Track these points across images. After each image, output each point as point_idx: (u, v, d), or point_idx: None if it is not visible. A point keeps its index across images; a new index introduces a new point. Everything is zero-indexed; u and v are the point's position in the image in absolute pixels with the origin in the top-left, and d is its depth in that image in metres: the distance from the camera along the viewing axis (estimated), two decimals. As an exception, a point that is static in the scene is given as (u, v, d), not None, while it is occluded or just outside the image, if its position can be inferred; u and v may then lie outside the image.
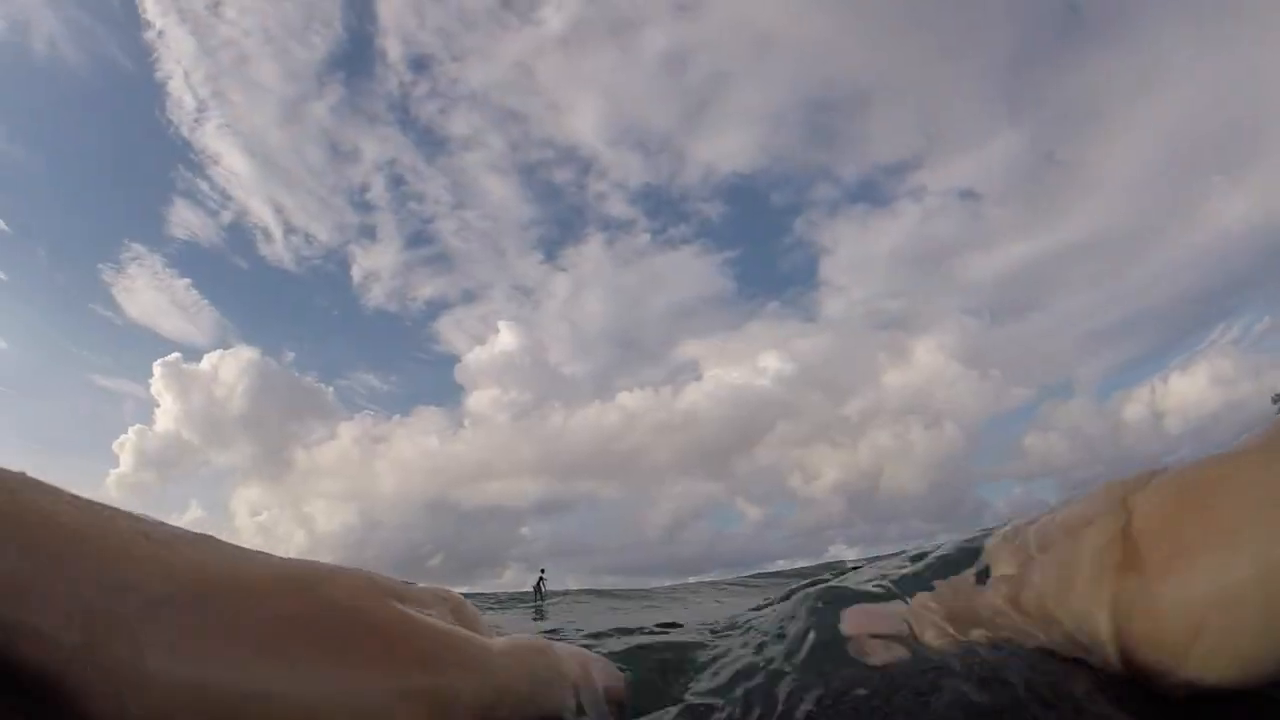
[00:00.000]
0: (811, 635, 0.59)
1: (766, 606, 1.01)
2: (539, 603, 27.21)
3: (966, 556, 0.60)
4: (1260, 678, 0.25)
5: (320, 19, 75.71)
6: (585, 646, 0.55)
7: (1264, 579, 0.24)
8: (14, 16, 67.57)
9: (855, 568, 1.07)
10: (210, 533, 0.30)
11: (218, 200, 74.32)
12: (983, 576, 0.46)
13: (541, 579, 27.51)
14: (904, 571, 0.81)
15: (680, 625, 1.06)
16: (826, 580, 0.96)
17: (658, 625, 1.08)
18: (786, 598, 0.92)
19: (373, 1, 76.36)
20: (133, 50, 71.65)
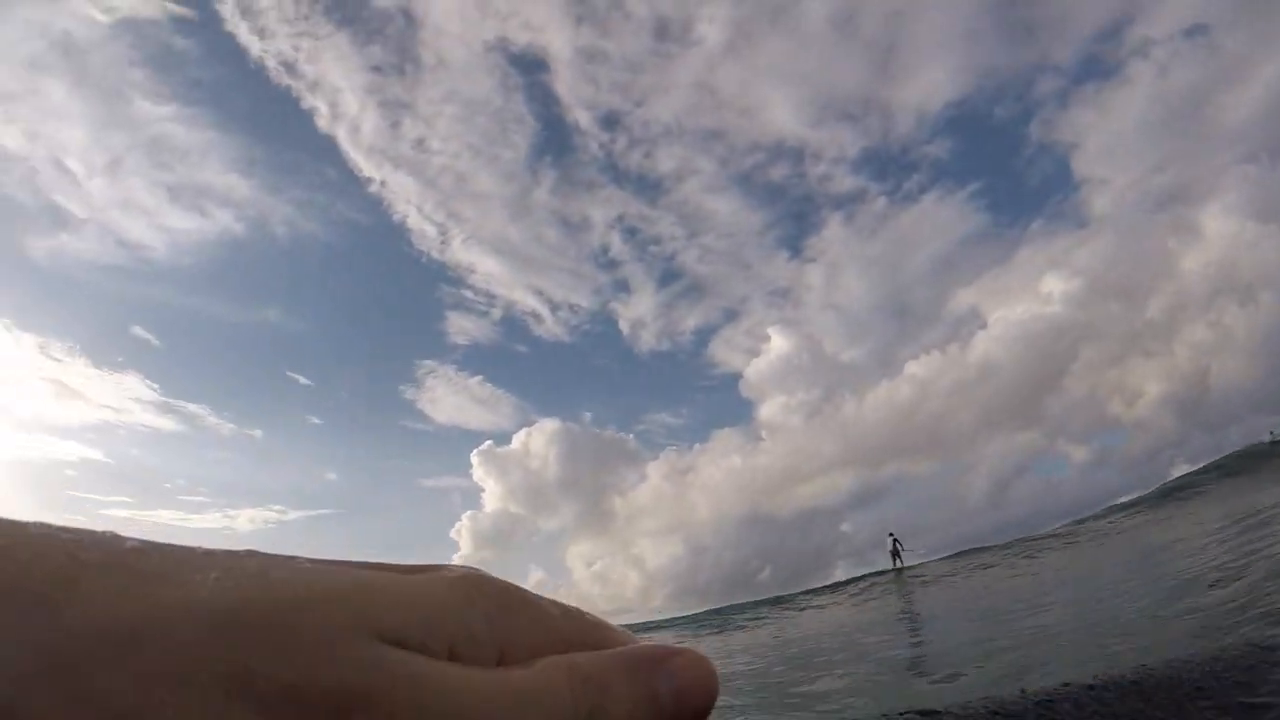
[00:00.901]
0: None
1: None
2: (899, 567, 26.07)
3: None
4: None
5: (512, 119, 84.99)
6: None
7: None
8: (249, 217, 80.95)
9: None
10: (551, 593, 0.26)
11: (484, 302, 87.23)
12: None
13: (896, 544, 26.64)
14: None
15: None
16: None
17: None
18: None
19: (549, 86, 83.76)
20: (363, 205, 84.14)
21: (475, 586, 0.25)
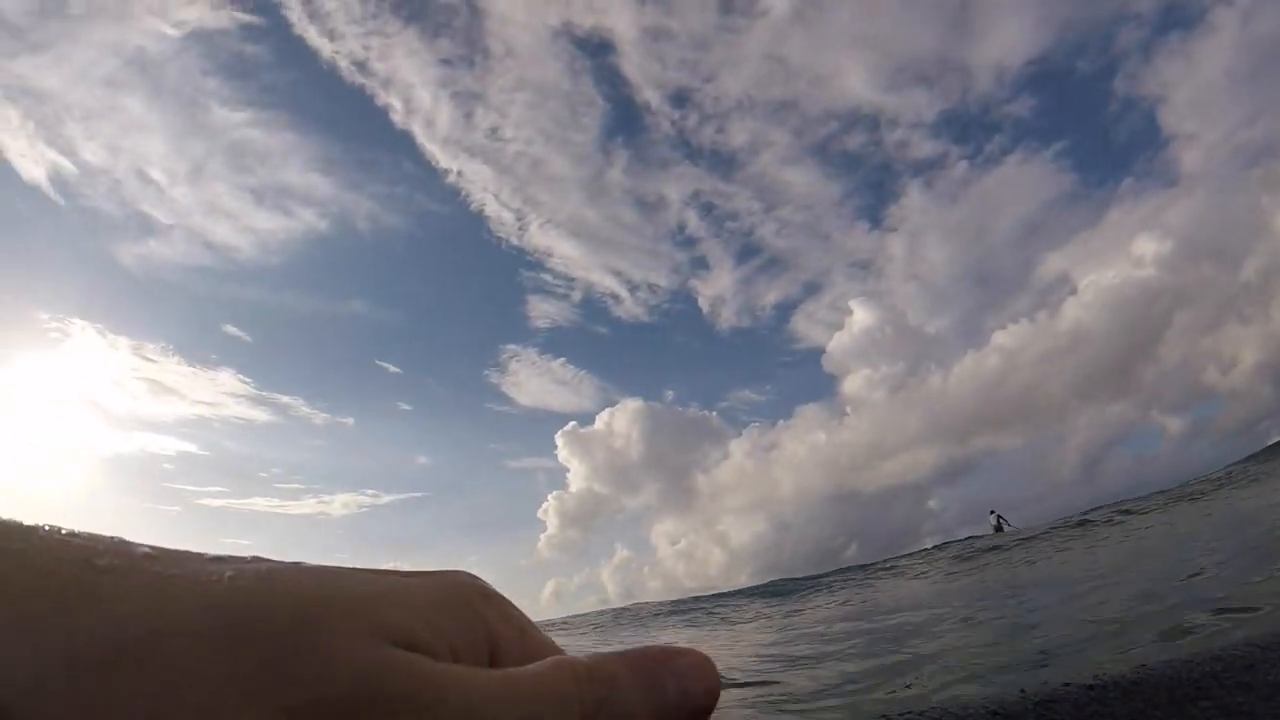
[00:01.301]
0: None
1: None
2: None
3: None
4: None
5: (582, 102, 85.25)
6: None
7: None
8: (332, 214, 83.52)
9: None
10: (635, 572, 0.34)
11: (564, 285, 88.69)
12: None
13: (1000, 519, 26.16)
14: None
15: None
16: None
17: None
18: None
19: (617, 67, 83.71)
20: (442, 195, 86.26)
21: (472, 592, 0.26)
